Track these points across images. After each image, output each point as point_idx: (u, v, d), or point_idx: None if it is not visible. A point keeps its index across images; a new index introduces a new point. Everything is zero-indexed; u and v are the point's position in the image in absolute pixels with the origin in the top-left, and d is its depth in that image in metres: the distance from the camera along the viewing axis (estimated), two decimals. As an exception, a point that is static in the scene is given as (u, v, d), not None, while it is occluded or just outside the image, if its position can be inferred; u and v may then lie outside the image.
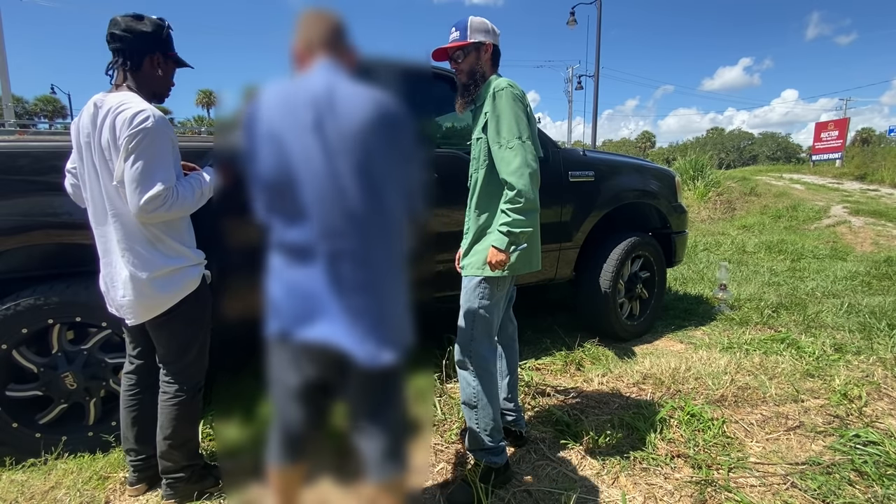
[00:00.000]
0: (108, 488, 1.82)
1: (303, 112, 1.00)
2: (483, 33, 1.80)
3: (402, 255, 1.10)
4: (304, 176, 1.00)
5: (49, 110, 42.76)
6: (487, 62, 1.83)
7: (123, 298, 1.55)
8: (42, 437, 1.94)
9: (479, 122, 1.80)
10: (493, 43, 1.83)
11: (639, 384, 2.67)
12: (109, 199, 1.50)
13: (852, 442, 2.07)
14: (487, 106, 1.74)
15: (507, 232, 1.66)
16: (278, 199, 1.03)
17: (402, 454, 1.15)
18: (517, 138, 1.66)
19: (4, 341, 1.84)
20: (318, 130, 0.99)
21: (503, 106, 1.69)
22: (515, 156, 1.65)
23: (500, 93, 1.71)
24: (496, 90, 1.72)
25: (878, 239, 7.51)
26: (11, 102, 9.86)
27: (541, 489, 1.82)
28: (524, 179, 1.64)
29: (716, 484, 1.83)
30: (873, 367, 2.82)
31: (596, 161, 3.25)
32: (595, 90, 16.70)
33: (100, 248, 1.59)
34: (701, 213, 10.89)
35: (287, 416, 1.15)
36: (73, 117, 1.67)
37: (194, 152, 1.91)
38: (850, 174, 15.21)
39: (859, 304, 4.05)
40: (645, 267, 3.55)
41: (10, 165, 1.79)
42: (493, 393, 1.82)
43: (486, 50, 1.81)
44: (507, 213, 1.66)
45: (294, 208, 1.02)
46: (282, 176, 1.01)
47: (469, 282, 1.82)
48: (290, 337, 1.05)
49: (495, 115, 1.70)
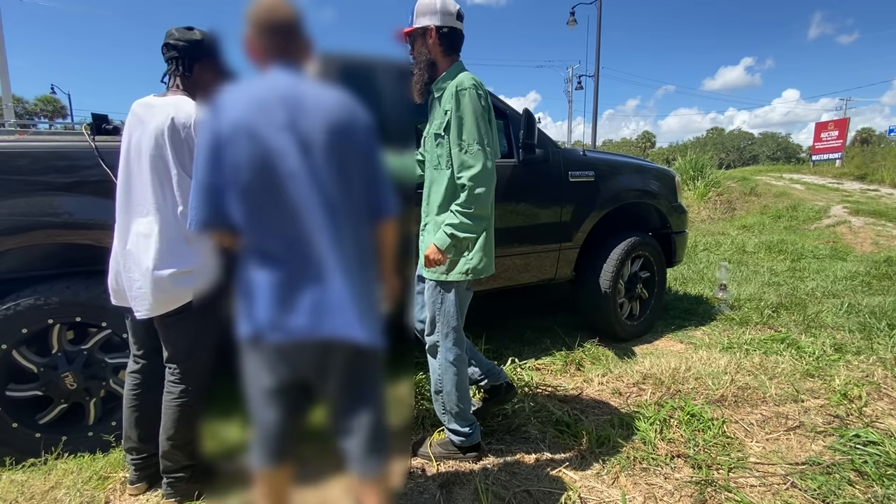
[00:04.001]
0: (108, 488, 1.82)
1: (275, 111, 1.01)
2: (428, 16, 1.70)
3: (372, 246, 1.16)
4: (284, 173, 1.01)
5: (49, 110, 42.72)
6: (435, 46, 1.73)
7: (140, 290, 1.54)
8: (42, 437, 1.94)
9: (439, 119, 1.74)
10: (438, 25, 1.70)
11: (639, 384, 2.67)
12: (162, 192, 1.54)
13: (852, 442, 2.07)
14: (448, 104, 1.68)
15: (450, 234, 1.65)
16: (259, 199, 1.02)
17: (385, 447, 1.17)
18: (477, 143, 1.64)
19: (4, 341, 1.84)
20: (291, 129, 1.01)
21: (466, 107, 1.64)
22: (476, 161, 1.63)
23: (463, 92, 1.65)
24: (459, 89, 1.65)
25: (878, 239, 7.51)
26: (11, 102, 9.86)
27: (541, 489, 1.82)
28: (481, 187, 1.63)
29: (716, 484, 1.83)
30: (873, 367, 2.82)
31: (596, 161, 3.25)
32: (595, 90, 16.71)
33: (120, 237, 1.59)
34: (701, 213, 10.89)
35: (264, 419, 1.14)
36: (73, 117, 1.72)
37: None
38: (850, 174, 15.20)
39: (859, 304, 4.05)
40: (645, 267, 3.55)
41: (10, 165, 1.79)
42: (460, 383, 1.89)
43: (429, 34, 1.71)
44: (456, 214, 1.66)
45: (276, 207, 1.02)
46: (263, 173, 1.00)
47: (430, 283, 1.83)
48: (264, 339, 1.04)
49: (458, 115, 1.65)
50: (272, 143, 0.99)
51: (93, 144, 1.85)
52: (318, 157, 1.02)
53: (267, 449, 1.17)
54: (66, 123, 33.90)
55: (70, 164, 1.88)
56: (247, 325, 1.05)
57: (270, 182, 1.00)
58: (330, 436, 1.17)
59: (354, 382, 1.12)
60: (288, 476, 1.23)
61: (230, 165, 1.01)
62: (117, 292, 1.64)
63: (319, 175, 1.02)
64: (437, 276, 1.80)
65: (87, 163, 1.86)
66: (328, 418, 1.17)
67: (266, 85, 1.05)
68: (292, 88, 1.04)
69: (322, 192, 1.02)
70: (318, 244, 1.02)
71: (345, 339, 1.04)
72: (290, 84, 1.05)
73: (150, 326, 1.64)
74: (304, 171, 1.01)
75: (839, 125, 19.13)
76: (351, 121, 1.07)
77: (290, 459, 1.21)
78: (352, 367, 1.10)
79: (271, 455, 1.17)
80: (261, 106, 1.01)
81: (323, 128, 1.02)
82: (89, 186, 1.87)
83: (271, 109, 1.01)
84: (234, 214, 1.04)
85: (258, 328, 1.04)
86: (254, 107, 1.01)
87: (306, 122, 1.01)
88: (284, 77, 1.07)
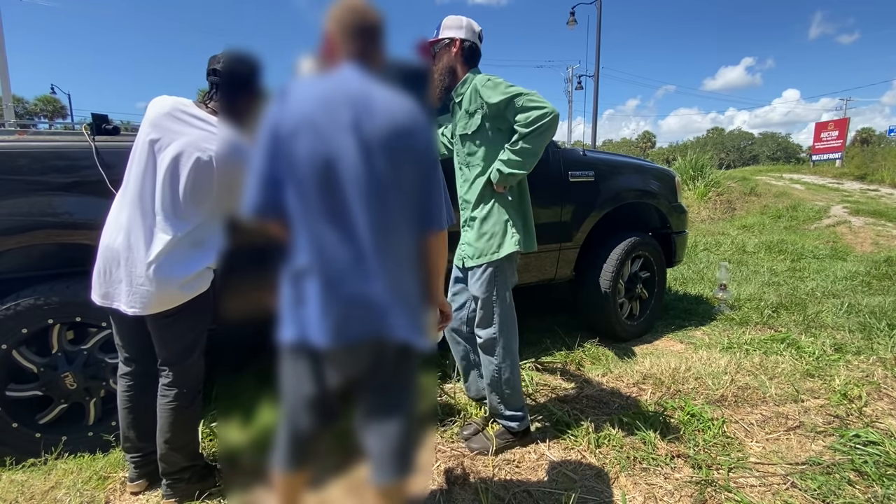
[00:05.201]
0: (108, 488, 1.82)
1: (341, 110, 1.01)
2: (454, 30, 1.89)
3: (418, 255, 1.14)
4: (345, 173, 1.00)
5: (49, 110, 42.70)
6: (457, 57, 1.91)
7: (142, 287, 1.51)
8: (42, 437, 1.93)
9: (463, 121, 1.91)
10: (463, 39, 1.90)
11: (639, 384, 2.67)
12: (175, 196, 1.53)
13: (852, 442, 2.07)
14: (474, 102, 1.85)
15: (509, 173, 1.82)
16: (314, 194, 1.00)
17: (410, 455, 1.14)
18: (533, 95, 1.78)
19: (4, 341, 1.84)
20: (356, 130, 1.00)
21: (499, 83, 1.81)
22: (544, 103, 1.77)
23: (487, 81, 1.83)
24: (482, 82, 1.83)
25: (878, 239, 7.51)
26: (11, 102, 9.86)
27: (541, 489, 1.82)
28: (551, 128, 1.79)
29: (716, 484, 1.83)
30: (873, 367, 2.82)
31: (596, 161, 3.25)
32: (595, 90, 16.72)
33: (122, 230, 1.54)
34: (701, 213, 10.89)
35: (298, 425, 1.13)
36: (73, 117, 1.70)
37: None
38: (850, 174, 15.19)
39: (859, 304, 4.05)
40: (645, 267, 3.55)
41: (10, 165, 1.79)
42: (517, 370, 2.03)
43: (454, 45, 1.90)
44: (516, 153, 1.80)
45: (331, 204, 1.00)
46: (322, 170, 1.00)
47: (480, 271, 1.93)
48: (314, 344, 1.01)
49: (502, 91, 1.78)
50: (335, 141, 0.99)
51: (92, 145, 1.85)
52: (378, 160, 1.02)
53: (292, 454, 1.15)
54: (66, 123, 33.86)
55: (70, 164, 1.88)
56: (291, 331, 1.02)
57: (327, 179, 1.00)
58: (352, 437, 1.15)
59: (397, 384, 1.11)
60: (304, 481, 1.22)
61: (289, 158, 1.00)
62: (104, 288, 1.57)
63: (377, 177, 1.02)
64: (489, 258, 1.90)
65: (86, 163, 1.86)
66: (360, 419, 1.14)
67: (336, 83, 1.05)
68: (361, 89, 1.04)
69: (378, 195, 1.02)
70: (368, 245, 1.01)
71: (397, 339, 1.03)
72: (359, 85, 1.05)
73: (140, 327, 1.62)
74: (362, 172, 1.00)
75: (839, 125, 19.12)
76: (414, 127, 1.06)
77: (311, 465, 1.20)
78: (398, 367, 1.09)
79: (295, 460, 1.16)
80: (328, 104, 1.01)
81: (386, 131, 1.02)
82: (89, 186, 1.87)
83: (338, 108, 1.01)
84: (288, 206, 1.02)
85: (306, 336, 1.00)
86: (321, 104, 1.01)
87: (371, 124, 1.01)
88: (355, 77, 1.06)
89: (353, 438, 1.16)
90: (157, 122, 1.54)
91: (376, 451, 1.12)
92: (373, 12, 1.11)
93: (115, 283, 1.55)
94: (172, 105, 1.56)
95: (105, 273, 1.57)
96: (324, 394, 1.08)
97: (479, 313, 1.97)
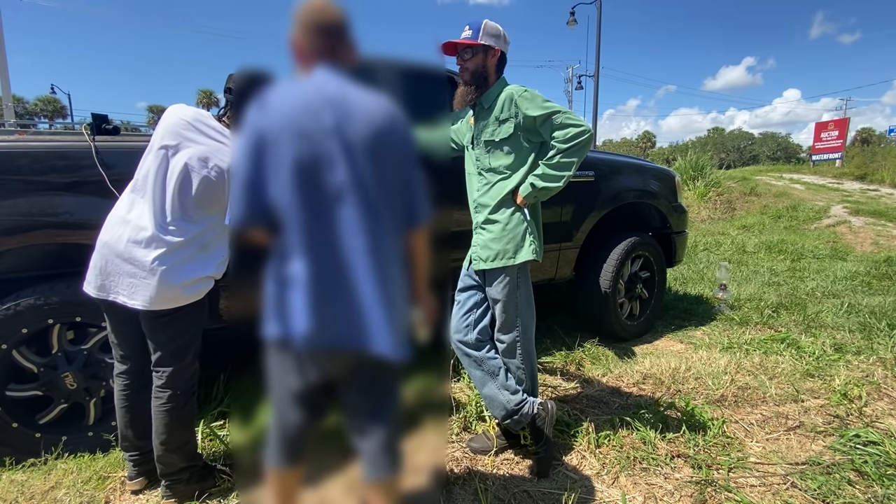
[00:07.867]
0: (108, 488, 1.82)
1: (323, 115, 1.01)
2: (494, 38, 1.86)
3: (402, 255, 1.14)
4: (327, 176, 1.01)
5: (49, 110, 42.72)
6: (493, 66, 1.90)
7: (145, 280, 1.53)
8: (42, 437, 1.93)
9: (491, 127, 1.89)
10: (501, 49, 1.89)
11: (639, 384, 2.68)
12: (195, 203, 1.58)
13: (852, 442, 2.07)
14: (508, 110, 1.84)
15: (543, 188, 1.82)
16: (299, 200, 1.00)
17: (398, 452, 1.16)
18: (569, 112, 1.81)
19: (4, 341, 1.84)
20: (338, 133, 1.01)
21: (535, 97, 1.82)
22: (580, 121, 1.79)
23: (524, 93, 1.84)
24: (517, 95, 1.83)
25: (878, 239, 7.51)
26: (11, 102, 9.86)
27: (540, 489, 1.82)
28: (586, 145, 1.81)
29: (716, 484, 1.83)
30: (873, 367, 2.82)
31: (596, 161, 3.25)
32: (595, 90, 16.72)
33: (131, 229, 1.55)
34: (701, 213, 10.89)
35: (286, 420, 1.14)
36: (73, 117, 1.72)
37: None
38: (850, 174, 15.20)
39: (859, 304, 4.05)
40: (645, 267, 3.55)
41: (11, 165, 1.79)
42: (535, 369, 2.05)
43: (493, 54, 1.88)
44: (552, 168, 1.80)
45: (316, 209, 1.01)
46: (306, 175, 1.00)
47: (502, 276, 1.91)
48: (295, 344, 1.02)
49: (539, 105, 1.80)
50: (318, 146, 1.00)
51: (92, 145, 1.85)
52: (361, 162, 1.03)
53: (284, 450, 1.16)
54: (66, 123, 33.83)
55: (70, 164, 1.88)
56: (275, 327, 1.03)
57: (312, 184, 1.00)
58: (344, 435, 1.17)
59: (377, 389, 1.12)
60: (299, 477, 1.22)
61: (273, 164, 1.00)
62: (101, 280, 1.57)
63: (362, 179, 1.02)
64: (505, 262, 1.89)
65: (86, 163, 1.86)
66: (345, 418, 1.16)
67: (313, 87, 1.05)
68: (339, 92, 1.04)
69: (363, 197, 1.03)
70: (354, 249, 1.02)
71: (375, 353, 1.03)
72: (337, 87, 1.05)
73: (135, 325, 1.63)
74: (347, 175, 1.01)
75: (839, 125, 19.12)
76: (393, 126, 1.07)
77: (304, 461, 1.21)
78: (376, 376, 1.10)
79: (287, 456, 1.17)
80: (308, 108, 1.01)
81: (368, 133, 1.03)
82: (89, 186, 1.87)
83: (319, 112, 1.01)
84: (273, 213, 1.02)
85: (289, 333, 1.02)
86: (302, 109, 1.01)
87: (352, 127, 1.02)
88: (331, 79, 1.06)
89: (345, 436, 1.17)
90: (175, 129, 1.59)
91: (365, 449, 1.14)
92: (332, 9, 1.10)
93: (115, 275, 1.56)
94: (193, 115, 1.63)
95: (104, 265, 1.57)
96: (308, 388, 1.09)
97: (501, 317, 1.96)
